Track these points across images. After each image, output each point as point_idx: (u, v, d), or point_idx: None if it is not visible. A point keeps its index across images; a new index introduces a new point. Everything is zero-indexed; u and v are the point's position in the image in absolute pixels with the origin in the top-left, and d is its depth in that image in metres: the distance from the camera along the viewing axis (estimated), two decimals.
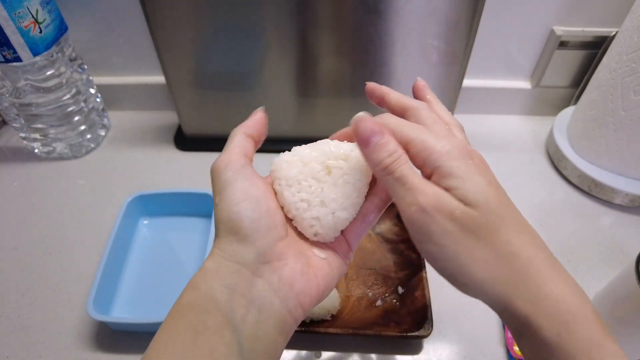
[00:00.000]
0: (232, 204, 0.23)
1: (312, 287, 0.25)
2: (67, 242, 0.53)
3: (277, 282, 0.23)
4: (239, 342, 0.22)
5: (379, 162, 0.23)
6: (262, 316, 0.23)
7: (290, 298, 0.24)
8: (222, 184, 0.24)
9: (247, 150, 0.26)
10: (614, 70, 0.51)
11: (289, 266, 0.24)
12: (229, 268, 0.23)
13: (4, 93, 0.54)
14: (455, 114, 0.64)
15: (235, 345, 0.21)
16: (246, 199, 0.24)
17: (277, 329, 0.23)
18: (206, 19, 0.51)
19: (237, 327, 0.22)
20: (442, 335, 0.44)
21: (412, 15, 0.49)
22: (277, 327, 0.23)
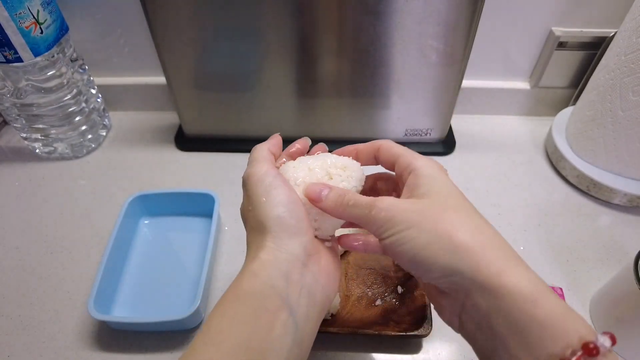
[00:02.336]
0: (281, 204, 0.27)
1: (337, 276, 0.30)
2: (68, 241, 0.53)
3: (317, 272, 0.28)
4: (294, 321, 0.25)
5: (334, 202, 0.28)
6: (311, 300, 0.27)
7: (327, 286, 0.28)
8: (265, 187, 0.28)
9: (273, 163, 0.31)
10: (612, 70, 0.51)
11: (323, 259, 0.29)
12: (284, 259, 0.27)
13: (5, 93, 0.54)
14: (455, 115, 0.64)
15: (292, 324, 0.25)
16: (291, 201, 0.28)
17: (319, 314, 0.28)
18: (207, 19, 0.51)
19: (293, 309, 0.25)
20: (442, 335, 0.44)
21: (412, 16, 0.49)
22: (320, 312, 0.28)
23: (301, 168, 0.31)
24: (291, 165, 0.32)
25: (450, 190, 0.26)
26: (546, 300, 0.21)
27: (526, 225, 0.53)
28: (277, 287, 0.26)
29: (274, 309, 0.25)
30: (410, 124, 0.62)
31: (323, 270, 0.28)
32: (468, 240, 0.23)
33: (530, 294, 0.21)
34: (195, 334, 0.44)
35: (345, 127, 0.61)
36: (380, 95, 0.58)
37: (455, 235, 0.23)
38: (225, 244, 0.52)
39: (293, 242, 0.27)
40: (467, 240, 0.23)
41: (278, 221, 0.27)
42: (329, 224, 0.30)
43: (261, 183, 0.28)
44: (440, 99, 0.58)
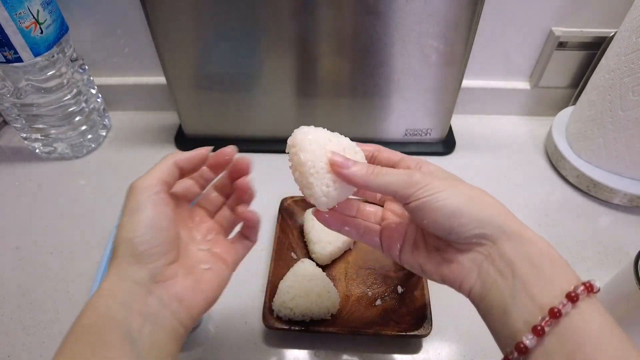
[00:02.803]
0: (137, 228, 0.26)
1: (199, 299, 0.29)
2: (68, 241, 0.53)
3: (167, 299, 0.27)
4: (137, 352, 0.24)
5: (364, 172, 0.29)
6: (156, 327, 0.26)
7: (180, 311, 0.27)
8: (133, 205, 0.27)
9: (170, 178, 0.29)
10: (612, 70, 0.51)
11: (178, 284, 0.28)
12: (124, 287, 0.26)
13: (5, 93, 0.54)
14: (455, 115, 0.64)
15: (134, 355, 0.24)
16: (151, 227, 0.27)
17: (170, 338, 0.27)
18: (207, 19, 0.51)
19: (135, 340, 0.25)
20: (442, 335, 0.44)
21: (412, 16, 0.49)
22: (170, 336, 0.27)
23: (323, 134, 0.31)
24: (313, 130, 0.31)
25: (458, 177, 0.30)
26: (554, 250, 0.26)
27: (526, 225, 0.53)
28: (116, 319, 0.25)
29: (114, 341, 0.24)
30: (410, 124, 0.62)
31: (176, 296, 0.27)
32: (495, 203, 0.27)
33: (545, 243, 0.26)
34: (194, 334, 0.44)
35: (345, 127, 0.61)
36: (380, 95, 0.58)
37: (484, 198, 0.27)
38: None
39: (138, 270, 0.26)
40: (494, 203, 0.27)
41: (128, 245, 0.26)
42: (338, 193, 0.30)
43: (133, 199, 0.27)
44: (440, 99, 0.58)
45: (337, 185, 0.30)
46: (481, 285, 0.27)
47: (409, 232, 0.32)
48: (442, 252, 0.29)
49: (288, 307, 0.42)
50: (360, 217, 0.34)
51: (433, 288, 0.46)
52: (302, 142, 0.30)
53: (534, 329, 0.23)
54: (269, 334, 0.44)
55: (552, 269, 0.24)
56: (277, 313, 0.42)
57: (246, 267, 0.50)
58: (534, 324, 0.23)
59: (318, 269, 0.46)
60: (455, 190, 0.27)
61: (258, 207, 0.59)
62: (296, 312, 0.42)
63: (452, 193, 0.27)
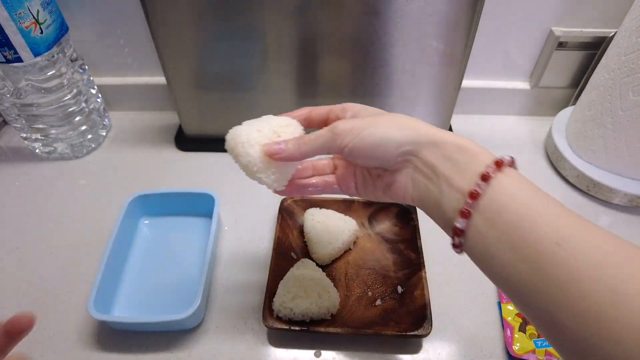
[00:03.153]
0: None
1: None
2: (68, 241, 0.53)
3: None
4: None
5: (296, 147, 0.32)
6: None
7: None
8: None
9: None
10: (612, 70, 0.51)
11: None
12: None
13: (5, 93, 0.54)
14: (455, 114, 0.64)
15: None
16: None
17: None
18: (207, 19, 0.51)
19: None
20: (442, 335, 0.44)
21: (412, 16, 0.49)
22: None
23: (251, 131, 0.33)
24: (242, 130, 0.34)
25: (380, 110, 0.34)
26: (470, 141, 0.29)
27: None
28: None
29: None
30: None
31: None
32: (410, 122, 0.30)
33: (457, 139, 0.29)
34: (195, 334, 0.44)
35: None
36: (380, 95, 0.58)
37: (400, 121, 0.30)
38: (225, 244, 0.52)
39: None
40: (410, 123, 0.30)
41: None
42: (285, 172, 0.34)
43: None
44: (441, 98, 0.58)
45: (282, 167, 0.33)
46: (417, 192, 0.30)
47: (356, 172, 0.35)
48: (383, 178, 0.33)
49: (288, 307, 0.42)
50: (317, 173, 0.37)
51: (433, 288, 0.46)
52: (235, 148, 0.33)
53: (462, 212, 0.26)
54: (269, 334, 0.44)
55: (467, 159, 0.27)
56: (277, 313, 0.43)
57: (246, 267, 0.50)
58: (460, 209, 0.26)
59: (318, 269, 0.46)
60: (374, 124, 0.30)
61: (258, 207, 0.59)
62: (296, 312, 0.42)
63: (374, 127, 0.30)
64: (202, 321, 0.45)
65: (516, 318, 0.44)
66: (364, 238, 0.52)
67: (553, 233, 0.23)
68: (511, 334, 0.43)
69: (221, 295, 0.48)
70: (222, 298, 0.47)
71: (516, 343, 0.42)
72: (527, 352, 0.42)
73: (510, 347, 0.42)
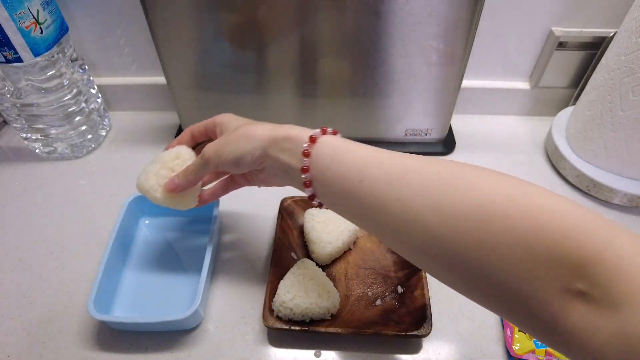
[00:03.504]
0: None
1: None
2: (68, 241, 0.53)
3: None
4: None
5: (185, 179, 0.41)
6: None
7: None
8: None
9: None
10: (612, 70, 0.51)
11: None
12: None
13: (5, 93, 0.54)
14: (455, 114, 0.64)
15: None
16: None
17: None
18: (207, 19, 0.51)
19: None
20: (442, 335, 0.44)
21: (412, 16, 0.49)
22: None
23: (150, 178, 0.41)
24: (142, 179, 0.41)
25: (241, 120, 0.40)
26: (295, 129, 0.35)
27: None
28: None
29: None
30: (410, 124, 0.62)
31: None
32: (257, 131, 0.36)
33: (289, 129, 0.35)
34: (195, 334, 0.44)
35: (345, 127, 0.61)
36: (380, 95, 0.58)
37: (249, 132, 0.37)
38: (225, 244, 0.52)
39: None
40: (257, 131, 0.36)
41: None
42: (192, 193, 0.42)
43: None
44: (440, 99, 0.58)
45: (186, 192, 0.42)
46: (280, 179, 0.37)
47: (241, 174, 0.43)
48: (258, 175, 0.41)
49: (288, 307, 0.42)
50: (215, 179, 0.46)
51: (433, 288, 0.46)
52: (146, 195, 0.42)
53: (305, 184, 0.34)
54: (269, 334, 0.44)
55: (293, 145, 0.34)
56: (277, 313, 0.43)
57: (246, 267, 0.50)
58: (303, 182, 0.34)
59: (318, 269, 0.46)
60: (230, 143, 0.37)
61: (258, 207, 0.59)
62: (296, 312, 0.42)
63: (228, 147, 0.37)
64: (202, 321, 0.45)
65: None
66: (364, 238, 0.52)
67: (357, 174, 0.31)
68: (511, 334, 0.43)
69: (221, 296, 0.48)
70: (222, 298, 0.47)
71: (516, 343, 0.42)
72: (527, 352, 0.42)
73: (510, 347, 0.42)
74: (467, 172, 0.28)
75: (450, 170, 0.28)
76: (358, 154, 0.32)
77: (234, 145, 0.36)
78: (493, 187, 0.27)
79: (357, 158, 0.31)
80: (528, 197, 0.26)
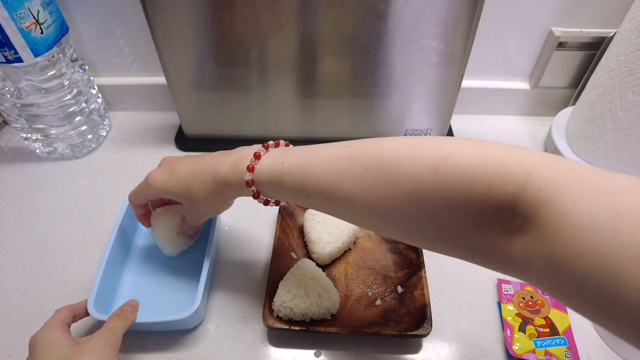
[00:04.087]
0: None
1: None
2: (68, 241, 0.53)
3: None
4: None
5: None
6: None
7: None
8: None
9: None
10: (612, 71, 0.51)
11: None
12: None
13: (5, 93, 0.54)
14: (454, 115, 0.64)
15: None
16: None
17: None
18: (207, 19, 0.51)
19: None
20: (441, 335, 0.44)
21: (412, 16, 0.49)
22: None
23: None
24: None
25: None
26: (240, 152, 0.38)
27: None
28: None
29: None
30: (410, 124, 0.62)
31: None
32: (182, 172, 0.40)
33: (235, 157, 0.37)
34: (195, 334, 0.44)
35: (345, 127, 0.61)
36: (380, 95, 0.58)
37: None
38: (225, 244, 0.52)
39: None
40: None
41: None
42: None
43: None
44: (440, 99, 0.58)
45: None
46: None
47: None
48: None
49: (288, 307, 0.42)
50: None
51: (433, 288, 0.46)
52: None
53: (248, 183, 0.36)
54: (269, 334, 0.44)
55: (242, 156, 0.37)
56: (277, 313, 0.43)
57: (246, 267, 0.50)
58: (246, 166, 0.36)
59: (318, 269, 0.46)
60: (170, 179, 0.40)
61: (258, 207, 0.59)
62: (296, 312, 0.42)
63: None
64: (202, 321, 0.45)
65: (516, 318, 0.44)
66: (364, 238, 0.52)
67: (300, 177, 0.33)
68: (511, 333, 0.43)
69: (221, 295, 0.48)
70: (222, 298, 0.47)
71: (516, 343, 0.42)
72: (527, 352, 0.42)
73: (510, 347, 0.42)
74: (388, 157, 0.30)
75: (375, 164, 0.30)
76: (298, 157, 0.34)
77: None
78: (415, 163, 0.28)
79: (298, 159, 0.34)
80: (449, 163, 0.27)
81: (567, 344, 0.42)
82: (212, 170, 0.38)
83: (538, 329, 0.43)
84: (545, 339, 0.42)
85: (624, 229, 0.20)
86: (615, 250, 0.20)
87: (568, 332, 0.43)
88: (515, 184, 0.25)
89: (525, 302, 0.45)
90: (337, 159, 0.32)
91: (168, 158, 0.43)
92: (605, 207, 0.21)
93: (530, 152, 0.26)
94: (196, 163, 0.39)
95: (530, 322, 0.44)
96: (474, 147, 0.27)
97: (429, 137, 0.30)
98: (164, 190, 0.41)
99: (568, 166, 0.25)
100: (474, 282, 0.48)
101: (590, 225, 0.21)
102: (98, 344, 0.35)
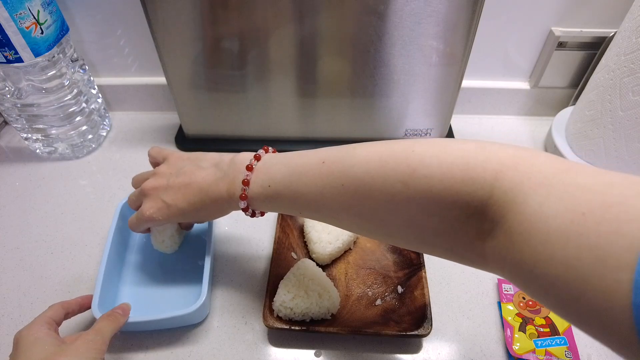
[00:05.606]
0: None
1: None
2: (68, 241, 0.53)
3: None
4: None
5: None
6: None
7: None
8: None
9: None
10: (612, 70, 0.51)
11: None
12: None
13: (6, 94, 0.54)
14: (454, 115, 0.64)
15: None
16: None
17: None
18: (207, 19, 0.51)
19: None
20: (442, 335, 0.44)
21: (412, 16, 0.49)
22: None
23: None
24: None
25: None
26: (227, 157, 0.40)
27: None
28: None
29: None
30: (410, 124, 0.62)
31: None
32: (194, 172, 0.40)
33: (228, 158, 0.40)
34: (195, 334, 0.44)
35: (345, 127, 0.61)
36: (380, 95, 0.58)
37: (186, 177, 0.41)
38: (225, 244, 0.53)
39: None
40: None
41: None
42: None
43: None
44: (440, 99, 0.58)
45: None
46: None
47: None
48: None
49: (288, 307, 0.42)
50: None
51: (433, 288, 0.46)
52: None
53: (241, 197, 0.37)
54: (269, 334, 0.44)
55: (236, 164, 0.38)
56: (277, 313, 0.43)
57: (246, 267, 0.50)
58: (239, 195, 0.37)
59: (318, 269, 0.46)
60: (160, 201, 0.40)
61: None
62: (296, 312, 0.42)
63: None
64: (203, 320, 0.45)
65: (516, 318, 0.44)
66: (364, 238, 0.52)
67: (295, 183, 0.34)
68: (511, 333, 0.43)
69: (221, 295, 0.48)
70: (222, 298, 0.47)
71: (516, 343, 0.42)
72: (527, 352, 0.42)
73: (510, 347, 0.42)
74: (360, 174, 0.31)
75: (350, 181, 0.31)
76: (288, 169, 0.35)
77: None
78: (387, 178, 0.29)
79: (287, 172, 0.35)
80: (416, 175, 0.28)
81: (567, 344, 0.42)
82: (211, 199, 0.38)
83: (538, 329, 0.43)
84: (545, 338, 0.42)
85: (590, 230, 0.20)
86: (582, 253, 0.20)
87: (568, 332, 0.43)
88: (483, 189, 0.25)
89: (526, 302, 0.45)
90: (317, 176, 0.33)
91: (153, 174, 0.44)
92: (570, 210, 0.21)
93: (496, 151, 0.26)
94: (188, 194, 0.39)
95: (531, 322, 0.44)
96: (439, 153, 0.28)
97: (398, 144, 0.30)
98: (167, 222, 0.42)
99: (535, 167, 0.24)
100: (474, 282, 0.48)
101: (557, 230, 0.21)
102: (83, 346, 0.35)
